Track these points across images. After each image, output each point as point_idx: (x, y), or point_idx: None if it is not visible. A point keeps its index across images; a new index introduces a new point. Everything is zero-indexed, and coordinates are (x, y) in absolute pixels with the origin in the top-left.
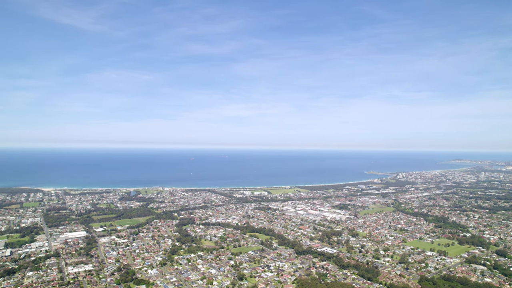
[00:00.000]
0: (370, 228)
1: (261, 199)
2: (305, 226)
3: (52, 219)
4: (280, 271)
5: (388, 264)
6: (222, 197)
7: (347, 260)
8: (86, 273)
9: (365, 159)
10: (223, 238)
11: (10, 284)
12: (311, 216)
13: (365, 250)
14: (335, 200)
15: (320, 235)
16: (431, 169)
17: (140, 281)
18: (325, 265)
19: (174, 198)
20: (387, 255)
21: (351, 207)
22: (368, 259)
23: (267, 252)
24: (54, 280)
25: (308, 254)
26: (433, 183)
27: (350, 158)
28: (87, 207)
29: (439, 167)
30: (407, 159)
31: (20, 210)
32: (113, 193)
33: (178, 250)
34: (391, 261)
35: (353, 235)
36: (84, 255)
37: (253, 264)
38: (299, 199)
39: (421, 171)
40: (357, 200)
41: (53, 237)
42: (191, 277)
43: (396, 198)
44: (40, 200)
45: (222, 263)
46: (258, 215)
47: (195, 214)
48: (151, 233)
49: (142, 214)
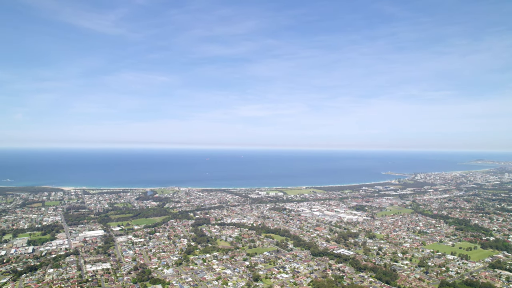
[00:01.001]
0: (388, 230)
1: (276, 200)
2: (321, 227)
3: (71, 217)
4: (295, 272)
5: (406, 267)
6: (238, 198)
7: (364, 262)
8: (104, 272)
9: (382, 160)
10: (238, 238)
11: (32, 280)
12: (327, 217)
13: (383, 253)
14: (351, 201)
15: (336, 237)
16: (451, 170)
17: (156, 280)
18: (342, 267)
19: (190, 198)
20: (406, 258)
21: (368, 208)
22: (385, 261)
23: (283, 253)
24: (73, 278)
25: (324, 255)
26: (453, 184)
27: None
28: (105, 206)
29: (459, 168)
30: (425, 159)
31: (42, 209)
32: (130, 193)
33: (193, 250)
34: (410, 264)
35: (370, 237)
36: (102, 253)
37: (269, 265)
38: (315, 200)
39: (440, 172)
40: (374, 201)
41: (72, 236)
42: (207, 277)
43: (414, 199)
44: (60, 199)
45: (237, 264)
46: (273, 215)
47: (211, 214)
48: (167, 232)
49: (158, 213)
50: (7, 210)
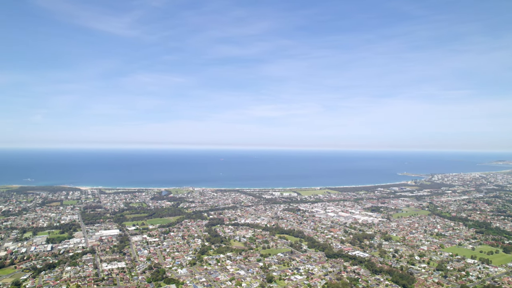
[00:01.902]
0: (404, 232)
1: (290, 200)
2: (335, 229)
3: (88, 217)
4: (310, 274)
5: (424, 270)
6: (251, 198)
7: (379, 264)
8: (119, 270)
9: (398, 160)
10: (252, 239)
11: (51, 278)
12: (342, 218)
13: (399, 255)
14: (366, 202)
15: (351, 238)
16: (470, 171)
17: (170, 280)
18: (357, 269)
19: (204, 198)
20: (423, 261)
21: (384, 210)
22: (402, 264)
23: (297, 254)
24: (90, 276)
25: (339, 257)
26: (473, 185)
27: (382, 159)
28: (121, 206)
29: (478, 169)
30: (442, 160)
31: (60, 208)
32: (145, 193)
33: (207, 250)
34: (428, 267)
35: (386, 239)
36: (117, 252)
37: (282, 266)
38: (329, 201)
39: (459, 173)
40: (390, 202)
41: (89, 234)
42: (220, 278)
43: (431, 201)
44: (78, 198)
45: (251, 265)
46: (287, 216)
47: (225, 214)
48: (181, 232)
49: (172, 213)
50: (27, 208)
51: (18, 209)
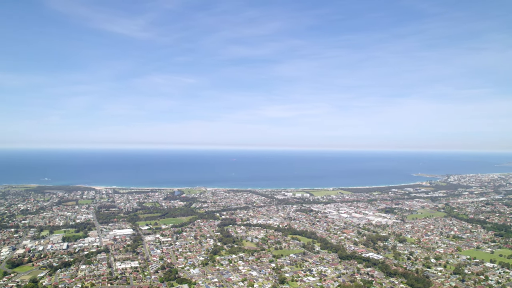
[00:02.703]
0: (419, 234)
1: (302, 201)
2: (348, 230)
3: (102, 216)
4: (322, 276)
5: (440, 274)
6: (264, 198)
7: (394, 267)
8: (132, 270)
9: (412, 161)
10: (264, 239)
11: (66, 276)
12: (355, 219)
13: (414, 258)
14: (380, 203)
15: (365, 240)
16: (488, 171)
17: (183, 280)
18: (371, 271)
19: (216, 198)
20: (439, 264)
21: (398, 211)
22: (417, 267)
23: (309, 255)
24: (104, 275)
25: (352, 259)
26: (491, 187)
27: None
28: (134, 205)
29: (497, 170)
30: (458, 160)
31: (76, 207)
32: (158, 193)
33: (219, 251)
34: (444, 271)
35: (400, 241)
36: (131, 252)
37: (295, 267)
38: (342, 202)
39: (476, 173)
40: (404, 203)
41: (103, 233)
42: (232, 279)
43: (447, 202)
44: (92, 198)
45: (263, 265)
46: (299, 217)
47: (237, 214)
48: (193, 232)
49: (185, 213)
50: (44, 207)
51: (35, 208)
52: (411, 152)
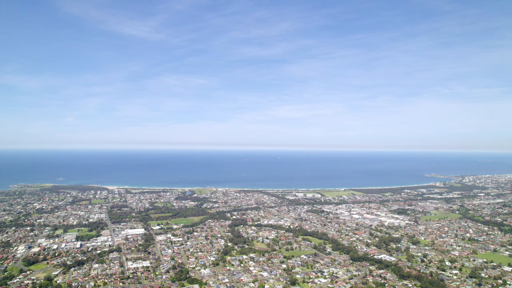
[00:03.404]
0: (433, 235)
1: (314, 202)
2: (360, 231)
3: (115, 215)
4: (334, 277)
5: (456, 277)
6: (274, 199)
7: (407, 269)
8: (144, 269)
9: (425, 161)
10: (275, 240)
11: (80, 274)
12: (367, 220)
13: (428, 260)
14: (392, 204)
15: (377, 241)
16: (505, 172)
17: (194, 280)
18: (383, 273)
19: (227, 199)
20: (455, 267)
21: (411, 212)
22: (431, 270)
23: (320, 256)
24: (116, 274)
25: (364, 261)
26: (508, 188)
27: (408, 160)
28: (146, 205)
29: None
30: (474, 161)
31: (89, 206)
32: (170, 193)
33: (230, 251)
34: (460, 274)
35: (414, 243)
36: (142, 251)
37: (306, 268)
38: (354, 203)
39: (492, 174)
40: (417, 204)
41: (115, 233)
42: (243, 279)
43: (462, 203)
44: (105, 197)
45: (274, 266)
46: (311, 218)
47: (248, 215)
48: (204, 232)
49: (196, 213)
50: (59, 206)
51: (50, 207)
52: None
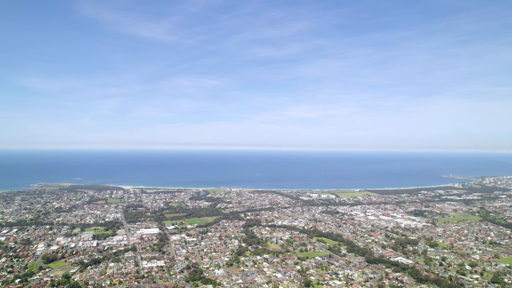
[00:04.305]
0: (452, 238)
1: (328, 203)
2: (376, 233)
3: (130, 215)
4: (349, 279)
5: (477, 282)
6: (288, 199)
7: (425, 273)
8: (158, 269)
9: (443, 162)
10: (289, 241)
11: (96, 273)
12: (383, 222)
13: (447, 264)
14: (409, 206)
15: (393, 243)
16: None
17: (207, 280)
18: (400, 276)
19: (241, 199)
20: (475, 271)
21: (428, 214)
22: (451, 274)
23: (335, 258)
24: (131, 273)
25: (380, 263)
26: None
27: (424, 160)
28: (160, 205)
29: None
30: (494, 162)
31: (105, 206)
32: (184, 193)
33: (244, 252)
34: (481, 279)
35: (432, 245)
36: (157, 251)
37: (321, 270)
38: (369, 204)
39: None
40: (435, 206)
41: (130, 232)
42: (257, 280)
43: (482, 205)
44: (121, 197)
45: (288, 268)
46: (325, 219)
47: (261, 215)
48: (218, 233)
49: (210, 213)
50: (76, 206)
51: (68, 206)
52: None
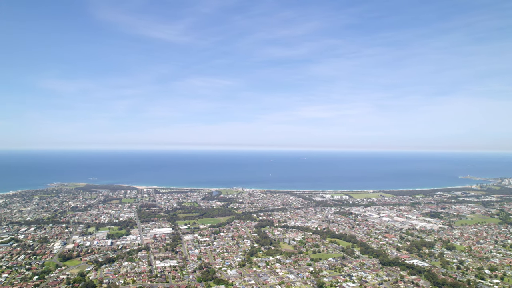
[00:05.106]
0: (470, 241)
1: (341, 203)
2: (390, 235)
3: (143, 215)
4: (363, 282)
5: (497, 287)
6: (301, 200)
7: (442, 276)
8: (171, 268)
9: (459, 163)
10: (302, 242)
11: (110, 271)
12: (397, 223)
13: (465, 267)
14: (424, 207)
15: (408, 245)
16: None
17: (220, 280)
18: (415, 279)
19: (254, 199)
20: (495, 276)
21: (444, 216)
22: (469, 278)
23: (349, 260)
24: (144, 272)
25: (395, 265)
26: None
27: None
28: (174, 205)
29: None
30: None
31: (119, 205)
32: (197, 193)
33: (256, 252)
34: (501, 284)
35: (448, 248)
36: (170, 250)
37: (334, 272)
38: (383, 205)
39: None
40: (451, 208)
41: (144, 232)
42: (269, 281)
43: (502, 208)
44: (134, 197)
45: (301, 269)
46: (338, 220)
47: (274, 216)
48: (231, 233)
49: (222, 214)
50: (91, 205)
51: (84, 206)
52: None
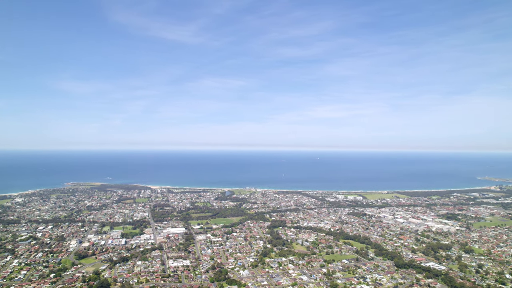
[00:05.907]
0: (489, 244)
1: (355, 204)
2: (405, 236)
3: (157, 214)
4: (377, 284)
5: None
6: (314, 200)
7: (460, 280)
8: (184, 268)
9: (477, 163)
10: (315, 243)
11: (124, 270)
12: (412, 225)
13: (484, 271)
14: (440, 209)
15: (424, 248)
16: None
17: (232, 281)
18: (432, 283)
19: (266, 200)
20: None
21: (462, 218)
22: (489, 282)
23: (363, 262)
24: (157, 272)
25: (410, 268)
26: None
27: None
28: (187, 205)
29: None
30: None
31: (133, 205)
32: (210, 193)
33: (269, 253)
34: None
35: (466, 251)
36: (183, 250)
37: (347, 274)
38: (398, 206)
39: None
40: (469, 209)
41: (157, 231)
42: (282, 282)
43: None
44: (148, 196)
45: (314, 270)
46: (352, 221)
47: (287, 216)
48: (243, 233)
49: (235, 214)
50: (106, 205)
51: (99, 205)
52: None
